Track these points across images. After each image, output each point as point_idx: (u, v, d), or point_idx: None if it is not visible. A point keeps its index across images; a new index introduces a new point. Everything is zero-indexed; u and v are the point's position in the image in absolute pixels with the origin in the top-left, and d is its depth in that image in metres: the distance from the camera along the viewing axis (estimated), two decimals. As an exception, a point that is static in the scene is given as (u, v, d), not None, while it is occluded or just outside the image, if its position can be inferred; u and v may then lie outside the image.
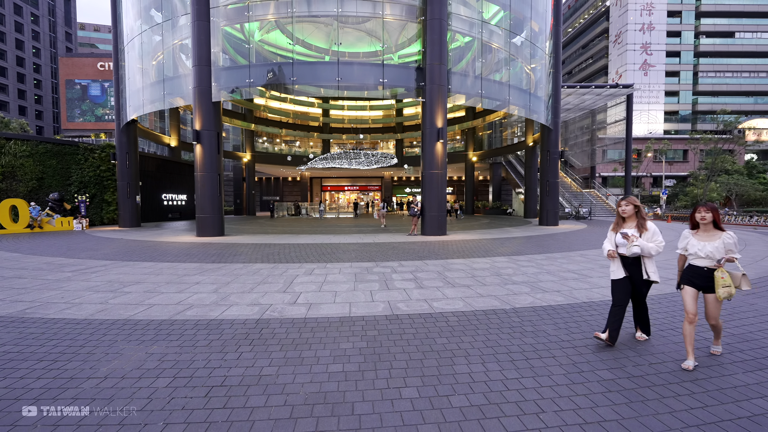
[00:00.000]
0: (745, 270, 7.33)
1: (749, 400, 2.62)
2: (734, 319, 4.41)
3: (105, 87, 59.86)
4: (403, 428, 2.31)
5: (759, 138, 52.95)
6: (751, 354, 3.44)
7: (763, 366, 3.19)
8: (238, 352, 3.48)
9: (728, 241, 3.09)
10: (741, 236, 13.73)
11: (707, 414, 2.45)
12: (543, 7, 18.18)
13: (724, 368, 3.15)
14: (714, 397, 2.65)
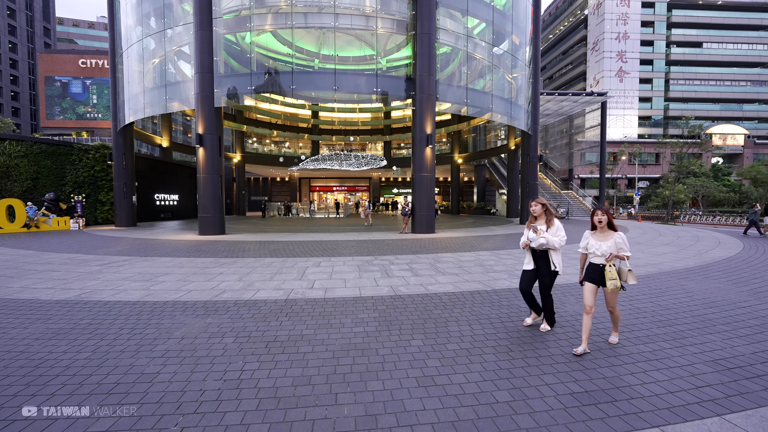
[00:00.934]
0: (691, 260, 8.69)
1: (620, 377, 3.66)
2: (659, 296, 5.60)
3: (87, 85, 58.70)
4: (414, 362, 3.31)
5: (724, 143, 56.47)
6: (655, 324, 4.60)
7: (653, 338, 4.35)
8: (279, 321, 4.42)
9: (618, 240, 3.52)
10: (699, 233, 15.35)
11: (574, 384, 3.55)
12: (523, 22, 19.54)
13: (607, 354, 4.28)
14: (587, 375, 3.69)
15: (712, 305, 5.09)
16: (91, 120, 59.11)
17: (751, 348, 3.65)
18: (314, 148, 39.36)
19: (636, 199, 38.43)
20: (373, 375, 3.08)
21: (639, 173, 51.32)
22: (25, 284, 6.22)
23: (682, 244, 11.87)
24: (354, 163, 26.66)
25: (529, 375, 3.08)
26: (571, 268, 7.42)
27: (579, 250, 3.86)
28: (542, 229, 3.96)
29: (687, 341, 3.82)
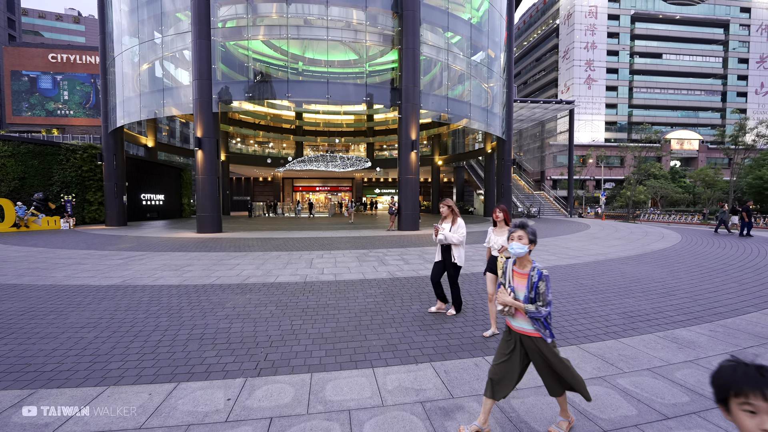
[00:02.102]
0: (634, 250, 10.38)
1: (585, 303, 5.13)
2: (599, 275, 7.12)
3: (57, 80, 56.62)
4: (415, 318, 4.58)
5: (681, 147, 61.09)
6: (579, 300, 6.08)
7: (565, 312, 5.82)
8: (305, 295, 5.59)
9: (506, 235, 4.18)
10: (650, 230, 17.44)
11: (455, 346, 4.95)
12: (498, 37, 21.26)
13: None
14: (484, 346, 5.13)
15: (636, 281, 6.64)
16: (62, 117, 57.07)
17: (652, 306, 5.14)
18: (298, 149, 40.05)
19: (602, 199, 41.30)
20: (388, 325, 4.33)
21: (605, 175, 54.80)
22: (67, 274, 7.06)
23: (632, 238, 13.75)
24: (340, 165, 27.73)
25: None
26: (538, 258, 8.91)
27: (484, 244, 4.36)
28: (443, 227, 4.52)
29: (609, 302, 5.28)
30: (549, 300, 2.25)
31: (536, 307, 2.23)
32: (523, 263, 2.39)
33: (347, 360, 3.42)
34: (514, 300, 2.29)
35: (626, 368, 3.27)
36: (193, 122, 14.05)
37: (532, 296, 2.26)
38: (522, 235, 2.37)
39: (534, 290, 2.26)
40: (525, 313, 2.26)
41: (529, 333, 2.30)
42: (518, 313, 2.31)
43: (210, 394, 2.82)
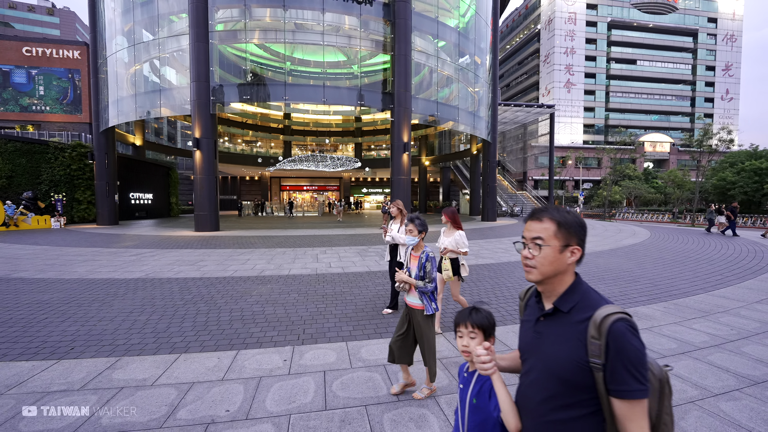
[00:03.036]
0: (607, 246, 11.45)
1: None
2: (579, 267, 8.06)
3: (33, 75, 54.58)
4: (422, 301, 5.32)
5: (654, 149, 64.25)
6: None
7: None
8: (320, 285, 6.25)
9: (457, 237, 4.07)
10: (624, 227, 18.78)
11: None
12: (484, 42, 22.27)
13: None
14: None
15: (607, 271, 7.60)
16: (38, 113, 54.98)
17: (620, 290, 6.06)
18: (286, 149, 40.23)
19: (580, 199, 43.25)
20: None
21: (584, 176, 57.13)
22: (87, 269, 7.47)
23: (606, 235, 14.94)
24: (330, 165, 28.25)
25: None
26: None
27: (436, 244, 4.43)
28: (392, 228, 4.75)
29: (584, 287, 6.17)
30: (434, 277, 2.75)
31: (424, 283, 2.70)
32: (418, 248, 2.94)
33: (372, 332, 4.14)
34: (408, 277, 2.77)
35: (596, 334, 4.10)
36: (189, 122, 14.39)
37: (422, 274, 2.73)
38: (412, 228, 2.93)
39: (422, 269, 2.74)
40: (416, 288, 2.73)
41: (415, 306, 2.77)
42: (412, 289, 2.77)
43: (268, 357, 3.49)
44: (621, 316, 0.99)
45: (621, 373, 0.94)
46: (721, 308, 5.12)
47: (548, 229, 1.11)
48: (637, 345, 0.96)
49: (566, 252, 1.10)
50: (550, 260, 1.09)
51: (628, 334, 0.96)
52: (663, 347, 3.78)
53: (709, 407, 2.69)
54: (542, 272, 1.11)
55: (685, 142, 45.71)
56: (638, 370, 0.95)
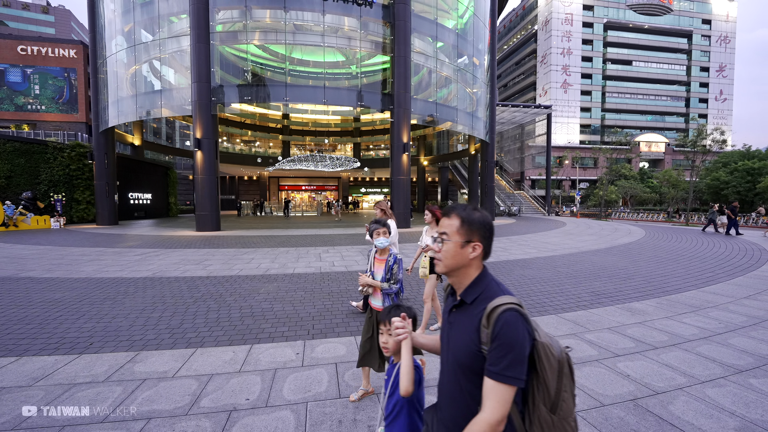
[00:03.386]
0: (603, 244, 11.68)
1: (561, 285, 6.22)
2: (573, 264, 8.27)
3: (28, 74, 54.25)
4: (424, 298, 5.51)
5: (650, 149, 64.85)
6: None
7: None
8: (325, 283, 6.42)
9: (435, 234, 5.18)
10: (620, 227, 19.06)
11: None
12: (482, 44, 22.50)
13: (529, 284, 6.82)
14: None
15: (603, 268, 7.82)
16: (33, 112, 54.76)
17: (615, 287, 6.27)
18: (285, 148, 40.31)
19: (577, 198, 43.63)
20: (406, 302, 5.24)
21: (580, 175, 57.59)
22: (94, 268, 7.60)
23: (602, 234, 15.20)
24: (329, 164, 28.39)
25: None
26: (520, 251, 10.03)
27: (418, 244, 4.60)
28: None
29: (580, 285, 6.38)
30: (400, 279, 2.79)
31: (389, 285, 2.73)
32: (384, 252, 2.91)
33: (379, 327, 4.32)
34: (372, 280, 2.77)
35: (592, 328, 4.32)
36: (188, 122, 14.48)
37: (388, 277, 2.76)
38: (384, 231, 2.93)
39: (389, 272, 2.77)
40: (381, 290, 2.75)
41: (379, 308, 2.75)
42: (376, 291, 2.79)
43: (281, 350, 3.66)
44: (509, 307, 1.06)
45: (495, 356, 1.02)
46: (710, 303, 5.34)
47: (452, 225, 1.20)
48: (516, 335, 1.02)
49: (468, 247, 1.18)
50: (452, 254, 1.19)
51: (511, 324, 1.03)
52: (655, 339, 3.98)
53: (696, 393, 2.89)
54: (446, 265, 1.20)
55: (680, 142, 46.29)
56: (509, 356, 1.01)
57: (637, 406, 2.71)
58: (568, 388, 1.12)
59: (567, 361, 1.13)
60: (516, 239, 13.11)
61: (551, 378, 1.08)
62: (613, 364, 3.38)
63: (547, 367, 1.08)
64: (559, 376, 1.10)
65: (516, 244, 11.67)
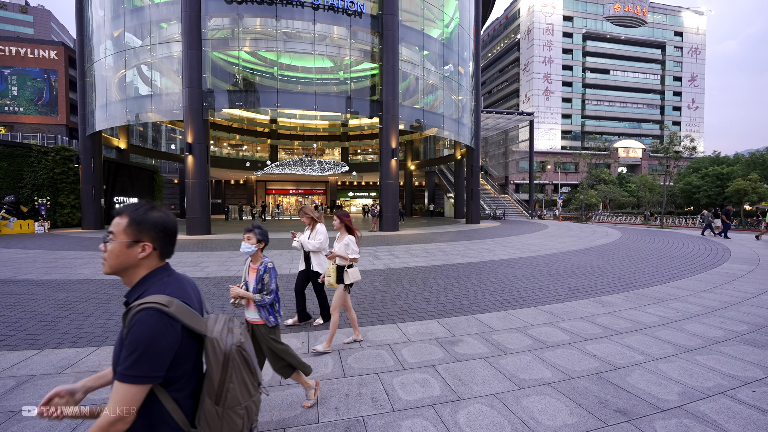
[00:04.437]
0: (581, 245, 12.36)
1: (541, 282, 6.75)
2: (552, 264, 8.85)
3: (5, 74, 52.74)
4: (416, 294, 5.93)
5: (627, 155, 67.40)
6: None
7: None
8: (322, 282, 6.76)
9: (347, 242, 3.81)
10: (598, 229, 19.97)
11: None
12: (466, 52, 23.31)
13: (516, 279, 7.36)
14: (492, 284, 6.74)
15: (580, 267, 8.42)
16: (11, 114, 53.18)
17: (589, 283, 6.84)
18: (273, 153, 40.34)
19: (559, 202, 45.03)
20: (397, 299, 5.66)
21: (562, 180, 59.36)
22: (92, 270, 7.74)
23: (581, 236, 15.99)
24: (318, 169, 28.63)
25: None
26: (504, 251, 10.58)
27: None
28: (295, 233, 4.56)
29: (558, 281, 6.93)
30: (273, 289, 2.57)
31: (262, 296, 2.54)
32: (256, 259, 2.67)
33: (375, 320, 4.72)
34: (244, 291, 2.56)
35: (566, 317, 4.82)
36: (175, 126, 14.61)
37: (260, 287, 2.56)
38: (251, 236, 2.65)
39: (260, 281, 2.56)
40: (254, 302, 2.55)
41: (256, 321, 2.61)
42: (250, 304, 2.60)
43: (287, 340, 4.00)
44: (147, 306, 1.04)
45: (123, 355, 1.01)
46: (672, 296, 5.94)
47: (120, 225, 1.15)
48: (145, 333, 1.01)
49: (136, 247, 1.14)
50: (116, 254, 1.13)
51: (142, 322, 1.01)
52: (620, 326, 4.50)
53: (650, 368, 3.39)
54: (110, 265, 1.14)
55: (654, 148, 48.33)
56: (134, 355, 0.99)
57: (600, 378, 3.18)
58: (235, 380, 1.16)
59: (238, 353, 1.18)
60: (500, 241, 13.71)
61: (216, 370, 1.12)
62: (582, 347, 3.86)
63: (212, 360, 1.12)
64: (224, 369, 1.14)
65: (500, 246, 12.25)
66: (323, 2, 16.16)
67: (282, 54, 18.70)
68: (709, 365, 3.44)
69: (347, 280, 3.77)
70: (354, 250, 3.83)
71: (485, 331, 4.32)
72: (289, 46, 16.94)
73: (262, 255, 2.71)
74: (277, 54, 16.97)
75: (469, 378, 3.18)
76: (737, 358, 3.60)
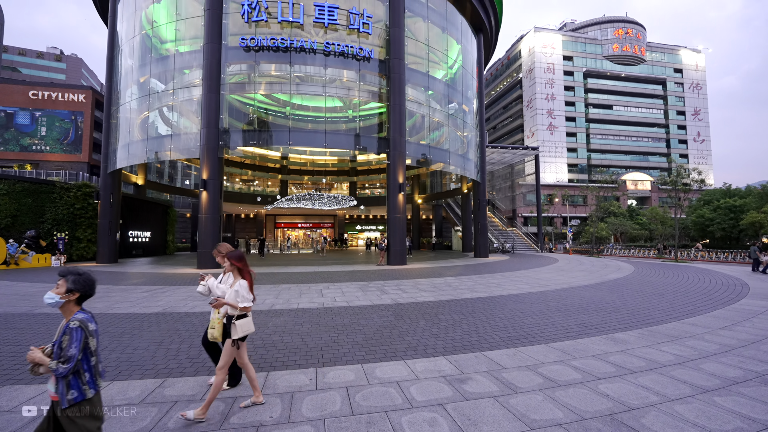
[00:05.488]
0: (593, 280, 12.17)
1: (551, 317, 6.65)
2: (563, 299, 8.71)
3: (36, 116, 56.16)
4: (425, 330, 5.89)
5: (636, 187, 67.23)
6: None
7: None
8: (329, 317, 6.78)
9: (238, 288, 3.21)
10: (610, 263, 19.64)
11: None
12: (470, 91, 24.32)
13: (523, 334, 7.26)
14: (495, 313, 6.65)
15: (591, 303, 8.27)
16: (37, 152, 56.02)
17: (601, 319, 6.71)
18: (283, 187, 41.38)
19: (569, 235, 44.57)
20: (405, 335, 5.63)
21: (570, 212, 59.04)
22: (106, 305, 7.88)
23: (592, 270, 15.72)
24: (326, 203, 29.16)
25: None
26: (513, 286, 10.48)
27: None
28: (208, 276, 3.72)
29: (569, 317, 6.81)
30: (71, 355, 1.96)
31: (56, 363, 1.96)
32: (66, 314, 2.12)
33: (383, 356, 4.70)
34: (40, 355, 1.99)
35: (578, 355, 4.73)
36: (191, 163, 15.22)
37: (58, 351, 2.01)
38: (60, 284, 2.14)
39: (58, 345, 2.02)
40: (51, 370, 1.97)
41: (52, 396, 2.04)
42: None
43: (295, 377, 4.02)
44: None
45: None
46: (688, 334, 5.79)
47: None
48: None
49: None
50: None
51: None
52: (634, 365, 4.40)
53: (666, 409, 3.30)
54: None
55: (662, 180, 48.41)
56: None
57: (613, 420, 3.11)
58: None
59: None
60: (509, 275, 13.56)
61: None
62: (594, 386, 3.78)
63: None
64: None
65: (509, 280, 12.12)
66: (334, 49, 17.30)
67: (294, 95, 19.81)
68: (728, 407, 3.34)
69: (235, 334, 3.16)
70: (245, 297, 3.25)
71: (495, 369, 4.26)
72: (301, 88, 17.97)
73: (76, 308, 2.15)
74: (290, 95, 17.99)
75: (478, 418, 3.13)
76: (758, 399, 3.49)
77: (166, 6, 18.72)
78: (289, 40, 16.84)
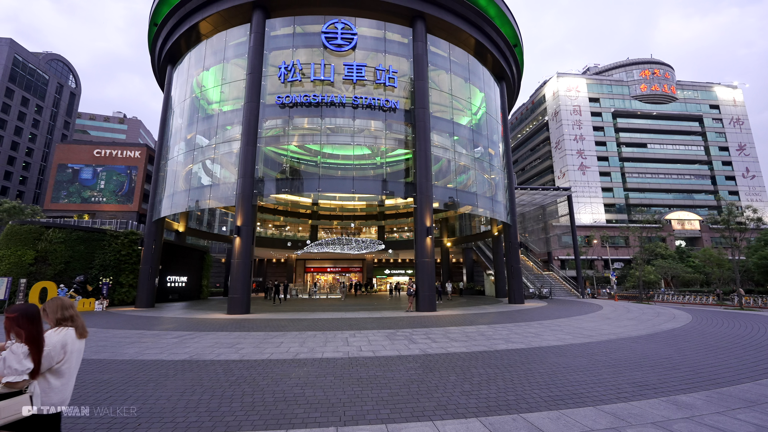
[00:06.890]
0: (644, 330, 11.02)
1: None
2: (611, 352, 7.85)
3: (98, 171, 62.37)
4: (455, 386, 5.44)
5: (683, 227, 62.73)
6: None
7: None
8: (354, 368, 6.46)
9: (3, 356, 2.27)
10: (662, 311, 17.84)
11: None
12: (496, 135, 24.60)
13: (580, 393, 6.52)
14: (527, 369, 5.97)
15: (645, 357, 7.38)
16: (95, 203, 61.51)
17: (658, 377, 5.92)
18: (313, 232, 42.35)
19: (613, 279, 41.45)
20: (434, 390, 5.20)
21: (611, 255, 55.48)
22: (136, 350, 8.01)
23: (643, 318, 14.29)
24: (355, 247, 29.30)
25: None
26: (553, 336, 9.65)
27: None
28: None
29: (620, 374, 6.07)
30: None
31: None
32: None
33: (410, 416, 4.32)
34: None
35: (634, 422, 4.12)
36: (231, 212, 15.97)
37: None
38: None
39: None
40: None
41: None
42: None
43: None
44: None
45: None
46: (767, 398, 4.94)
47: None
48: None
49: None
50: None
51: None
52: (705, 437, 3.75)
53: (753, 497, 2.72)
54: None
55: (712, 219, 44.90)
56: None
57: None
58: None
59: None
60: (548, 324, 12.58)
61: None
62: (658, 462, 3.22)
63: None
64: None
65: (548, 330, 11.21)
66: (362, 102, 18.38)
67: (325, 145, 20.92)
68: (836, 499, 2.69)
69: (4, 419, 2.17)
70: (14, 368, 2.23)
71: (536, 436, 3.77)
72: (331, 138, 18.98)
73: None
74: (321, 145, 18.98)
75: (518, 497, 2.71)
76: None
77: (213, 72, 21.03)
78: (321, 96, 18.16)
